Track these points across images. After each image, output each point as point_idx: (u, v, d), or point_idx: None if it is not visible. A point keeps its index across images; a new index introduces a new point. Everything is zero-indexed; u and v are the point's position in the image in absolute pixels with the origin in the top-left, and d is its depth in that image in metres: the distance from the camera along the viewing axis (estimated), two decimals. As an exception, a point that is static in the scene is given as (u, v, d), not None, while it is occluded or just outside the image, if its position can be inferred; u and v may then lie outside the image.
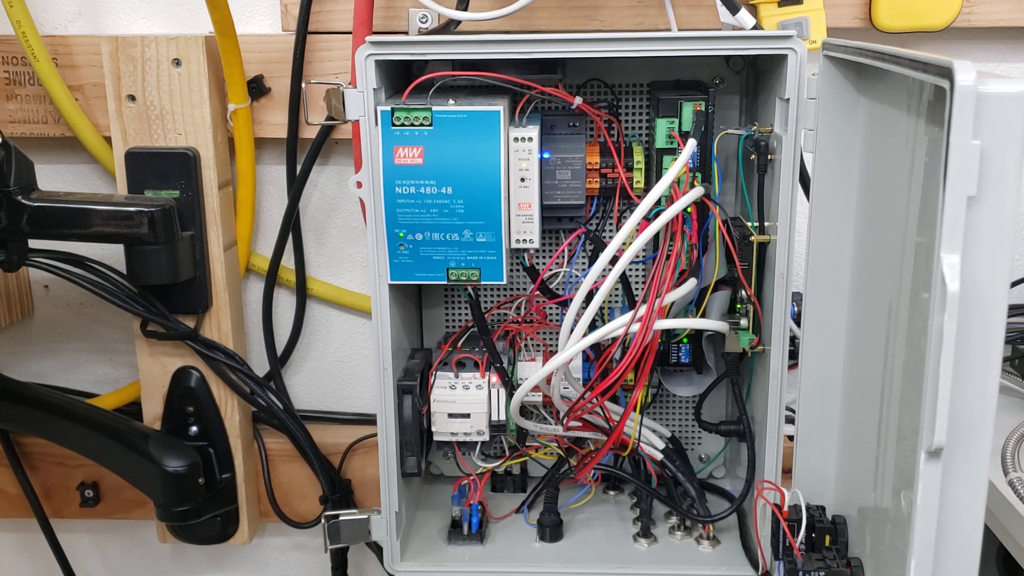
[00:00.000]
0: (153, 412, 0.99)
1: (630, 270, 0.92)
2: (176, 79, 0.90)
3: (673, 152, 0.81)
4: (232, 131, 0.95)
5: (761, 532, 0.82)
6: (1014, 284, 0.96)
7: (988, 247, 0.51)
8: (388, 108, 0.75)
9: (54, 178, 1.03)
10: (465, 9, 0.87)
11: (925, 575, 0.54)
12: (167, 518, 0.96)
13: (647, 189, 0.83)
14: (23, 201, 0.84)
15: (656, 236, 0.77)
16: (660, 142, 0.81)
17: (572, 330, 0.78)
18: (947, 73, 0.50)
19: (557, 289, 0.89)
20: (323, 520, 0.88)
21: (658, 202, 0.76)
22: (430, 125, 0.75)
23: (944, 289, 0.50)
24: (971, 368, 0.52)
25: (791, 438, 0.81)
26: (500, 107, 0.76)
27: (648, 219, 0.76)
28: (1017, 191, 0.51)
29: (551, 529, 0.90)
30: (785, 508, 0.75)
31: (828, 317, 0.77)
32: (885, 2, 0.89)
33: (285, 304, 1.05)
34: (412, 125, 0.76)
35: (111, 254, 0.93)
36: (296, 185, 0.97)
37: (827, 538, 0.73)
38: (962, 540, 0.54)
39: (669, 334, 0.86)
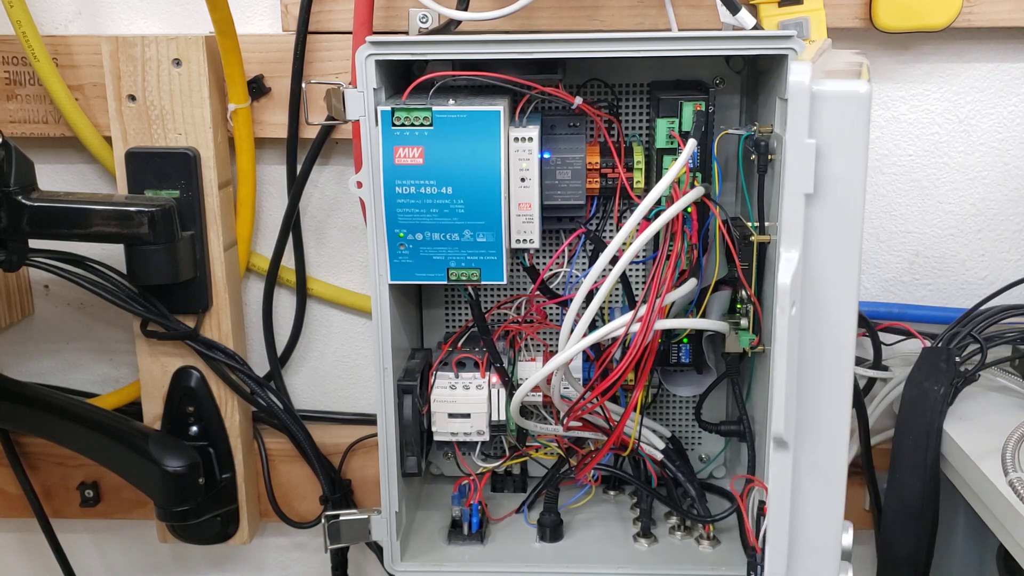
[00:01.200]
0: (153, 412, 0.99)
1: (630, 270, 0.92)
2: (176, 79, 0.90)
3: (673, 152, 0.81)
4: (232, 131, 0.95)
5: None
6: (1013, 285, 0.96)
7: (830, 244, 0.51)
8: (388, 108, 0.75)
9: (54, 178, 1.03)
10: (465, 9, 0.87)
11: (779, 563, 0.54)
12: (167, 518, 0.96)
13: (647, 189, 0.83)
14: (23, 201, 0.84)
15: (656, 236, 0.77)
16: (660, 142, 0.81)
17: (572, 330, 0.78)
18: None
19: (557, 289, 0.89)
20: (323, 520, 0.88)
21: (658, 202, 0.76)
22: (430, 125, 0.75)
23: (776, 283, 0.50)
24: (822, 362, 0.52)
25: (791, 438, 0.81)
26: (500, 107, 0.76)
27: (648, 219, 0.76)
28: (862, 189, 0.50)
29: (551, 529, 0.90)
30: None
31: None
32: (885, 2, 0.89)
33: (285, 304, 1.05)
34: (412, 125, 0.76)
35: (111, 254, 0.93)
36: (296, 185, 0.97)
37: None
38: (815, 530, 0.54)
39: (669, 334, 0.86)
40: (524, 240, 0.81)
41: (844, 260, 0.51)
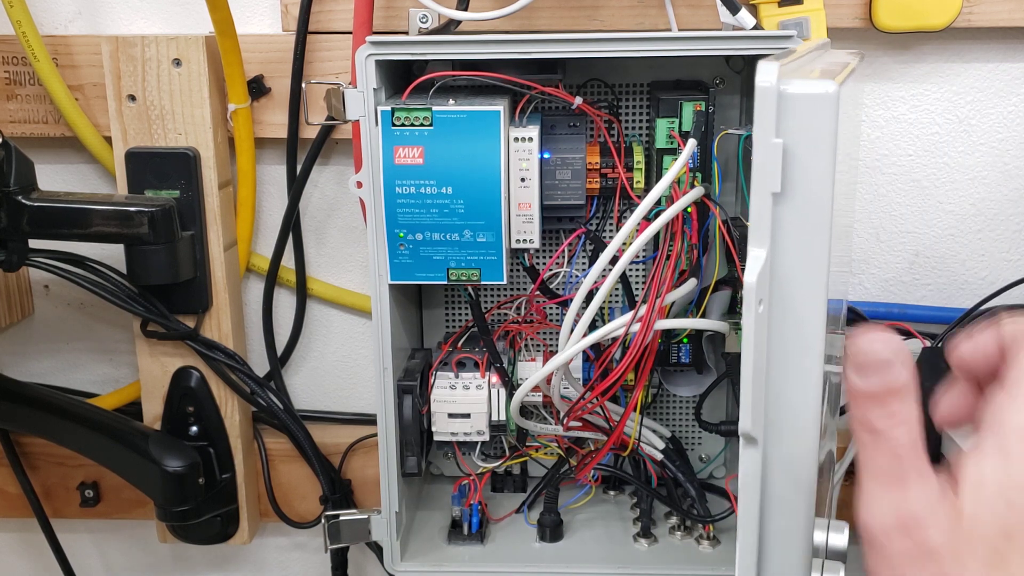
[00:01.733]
0: (153, 412, 0.99)
1: (630, 270, 0.92)
2: (176, 79, 0.90)
3: (673, 152, 0.81)
4: (232, 131, 0.95)
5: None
6: (1013, 285, 0.96)
7: (798, 243, 0.51)
8: (388, 108, 0.75)
9: (54, 178, 1.03)
10: (465, 9, 0.87)
11: (749, 562, 0.54)
12: (167, 518, 0.96)
13: (647, 189, 0.83)
14: (23, 201, 0.84)
15: (656, 236, 0.77)
16: (660, 142, 0.81)
17: (572, 330, 0.78)
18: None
19: (557, 289, 0.89)
20: (323, 520, 0.88)
21: (658, 202, 0.76)
22: (430, 125, 0.76)
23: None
24: (789, 359, 0.53)
25: (791, 438, 0.81)
26: (500, 107, 0.76)
27: (648, 219, 0.76)
28: (830, 188, 0.51)
29: (551, 529, 0.90)
30: None
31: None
32: (885, 2, 0.89)
33: (285, 304, 1.05)
34: (412, 125, 0.76)
35: (111, 254, 0.93)
36: (296, 185, 0.97)
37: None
38: (784, 529, 0.54)
39: (669, 334, 0.86)
40: (524, 240, 0.81)
41: (812, 258, 0.52)
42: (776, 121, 0.49)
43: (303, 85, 0.93)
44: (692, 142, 0.78)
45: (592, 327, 0.78)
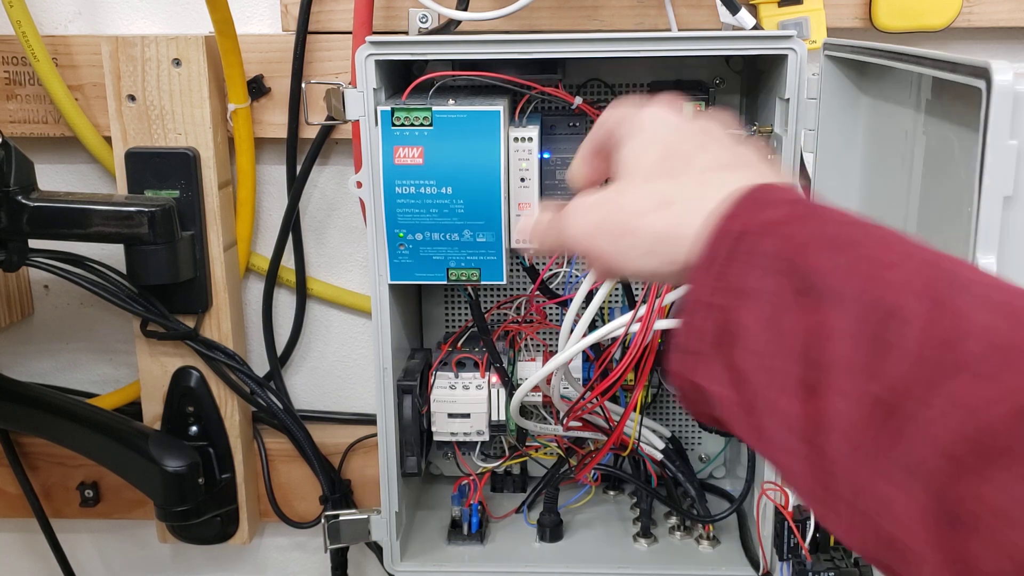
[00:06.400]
0: (153, 412, 0.99)
1: (630, 270, 0.92)
2: (176, 79, 0.90)
3: (673, 152, 0.81)
4: (232, 131, 0.95)
5: (763, 532, 0.82)
6: None
7: None
8: (388, 108, 0.75)
9: (54, 178, 1.03)
10: (465, 9, 0.87)
11: None
12: (167, 518, 0.96)
13: (647, 189, 0.83)
14: (23, 201, 0.84)
15: (656, 236, 0.77)
16: (660, 142, 0.81)
17: (572, 330, 0.78)
18: (983, 73, 0.49)
19: (557, 289, 0.89)
20: (323, 520, 0.88)
21: (658, 202, 0.76)
22: (430, 125, 0.75)
23: None
24: None
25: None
26: (500, 107, 0.76)
27: (648, 219, 0.76)
28: None
29: (551, 529, 0.90)
30: (789, 509, 0.75)
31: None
32: (885, 2, 0.89)
33: (285, 304, 1.05)
34: (412, 125, 0.76)
35: (111, 254, 0.93)
36: (296, 185, 0.97)
37: (831, 538, 0.74)
38: None
39: (669, 334, 0.86)
40: (524, 240, 0.81)
41: None
42: (1011, 123, 0.48)
43: (303, 85, 0.93)
44: (692, 142, 0.78)
45: (592, 327, 0.78)
